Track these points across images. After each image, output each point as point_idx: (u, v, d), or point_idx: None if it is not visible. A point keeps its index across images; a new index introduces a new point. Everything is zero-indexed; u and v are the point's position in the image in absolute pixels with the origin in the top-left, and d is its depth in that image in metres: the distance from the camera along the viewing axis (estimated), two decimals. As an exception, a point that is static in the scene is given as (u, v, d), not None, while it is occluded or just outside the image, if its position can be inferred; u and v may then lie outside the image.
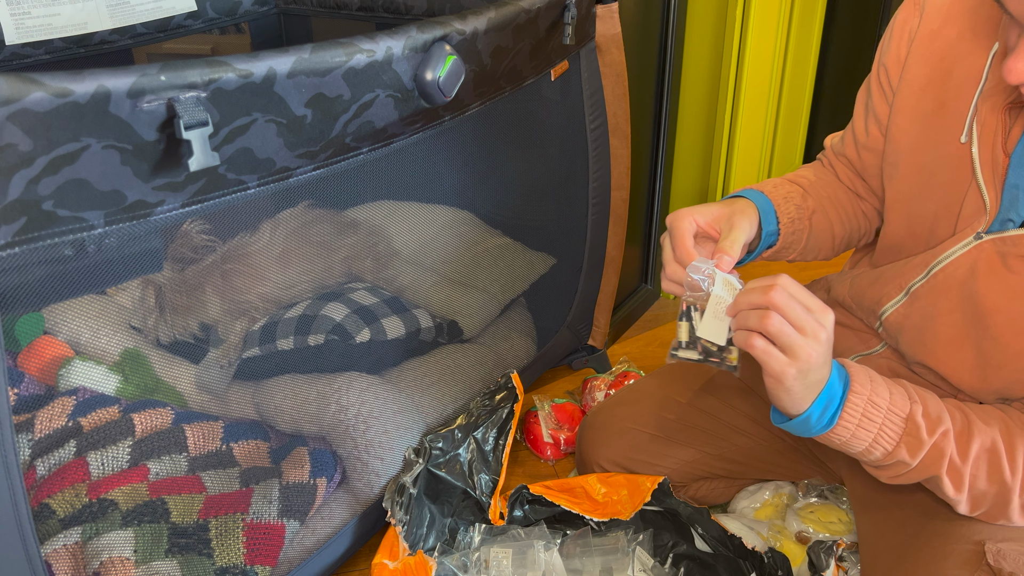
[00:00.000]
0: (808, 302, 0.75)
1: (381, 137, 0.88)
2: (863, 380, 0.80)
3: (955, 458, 0.79)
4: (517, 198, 1.49)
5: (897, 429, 0.79)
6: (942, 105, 0.85)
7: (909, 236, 0.90)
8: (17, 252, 0.61)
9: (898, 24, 0.90)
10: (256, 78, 0.70)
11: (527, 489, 1.11)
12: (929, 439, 0.79)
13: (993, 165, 0.80)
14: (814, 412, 0.78)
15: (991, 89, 0.80)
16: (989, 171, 0.81)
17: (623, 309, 1.78)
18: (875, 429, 0.79)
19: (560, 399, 1.45)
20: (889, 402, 0.79)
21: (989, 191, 0.81)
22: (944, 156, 0.85)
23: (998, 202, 0.81)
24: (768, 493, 1.16)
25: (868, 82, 0.96)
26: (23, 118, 0.57)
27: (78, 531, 0.98)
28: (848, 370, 0.80)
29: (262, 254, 1.29)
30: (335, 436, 1.14)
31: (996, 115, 0.80)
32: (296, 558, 1.04)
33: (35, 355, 1.22)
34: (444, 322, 1.33)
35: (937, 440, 0.79)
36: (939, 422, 0.79)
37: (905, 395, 0.80)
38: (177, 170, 0.68)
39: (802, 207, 0.96)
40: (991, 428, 0.80)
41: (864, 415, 0.79)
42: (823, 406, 0.78)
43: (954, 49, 0.84)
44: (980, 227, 0.82)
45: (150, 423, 1.14)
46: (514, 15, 0.98)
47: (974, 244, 0.83)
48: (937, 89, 0.85)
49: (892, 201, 0.92)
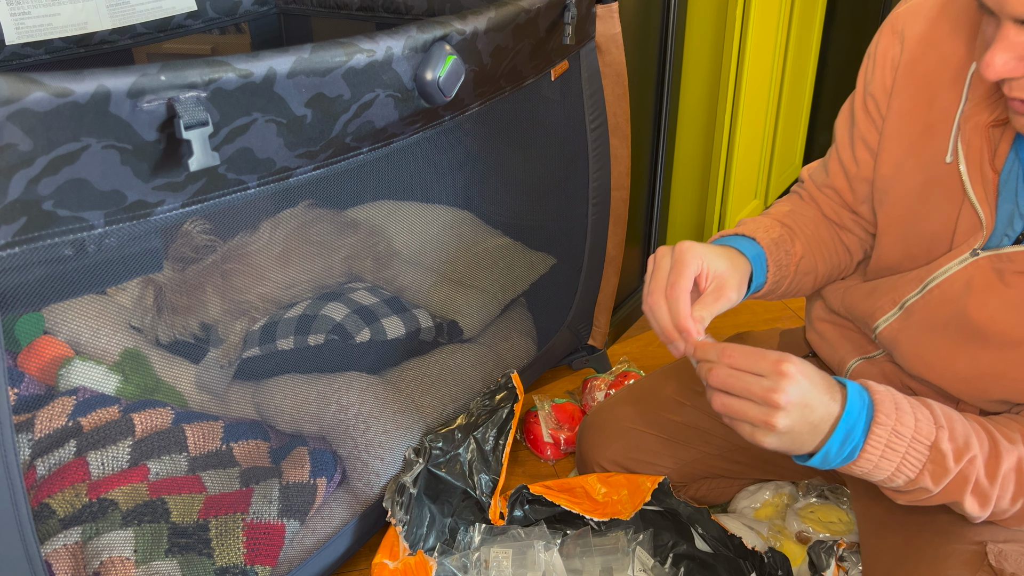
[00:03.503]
0: (755, 366, 0.73)
1: (381, 137, 0.88)
2: (888, 409, 0.76)
3: (982, 480, 0.77)
4: (517, 198, 1.49)
5: (921, 457, 0.76)
6: (929, 128, 0.85)
7: (906, 257, 0.90)
8: (17, 252, 0.61)
9: (880, 53, 0.90)
10: (256, 78, 0.70)
11: (527, 489, 1.11)
12: (955, 466, 0.76)
13: (984, 183, 0.80)
14: (832, 447, 0.75)
15: (972, 108, 0.80)
16: (981, 189, 0.80)
17: (623, 309, 1.78)
18: (898, 459, 0.76)
19: (560, 399, 1.45)
20: (914, 430, 0.76)
21: (984, 208, 0.81)
22: (935, 178, 0.84)
23: (993, 219, 0.81)
24: (768, 493, 1.16)
25: (851, 112, 0.94)
26: (23, 118, 0.57)
27: (78, 531, 0.98)
28: (873, 396, 0.76)
29: (262, 254, 1.29)
30: (335, 436, 1.14)
31: (980, 133, 0.80)
32: (296, 558, 1.04)
33: (35, 355, 1.22)
34: (444, 322, 1.33)
35: (963, 468, 0.76)
36: (967, 448, 0.76)
37: (931, 419, 0.77)
38: (177, 170, 0.68)
39: (791, 253, 0.94)
40: (1016, 447, 0.77)
41: (888, 445, 0.75)
42: (841, 440, 0.75)
43: (937, 73, 0.84)
44: (976, 244, 0.82)
45: (150, 423, 1.14)
46: (514, 15, 0.98)
47: (970, 261, 0.82)
48: (924, 113, 0.85)
49: (885, 225, 0.92)
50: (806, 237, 0.96)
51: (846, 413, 0.75)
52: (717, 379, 0.75)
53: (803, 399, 0.73)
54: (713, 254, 0.84)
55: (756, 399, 0.73)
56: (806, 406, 0.73)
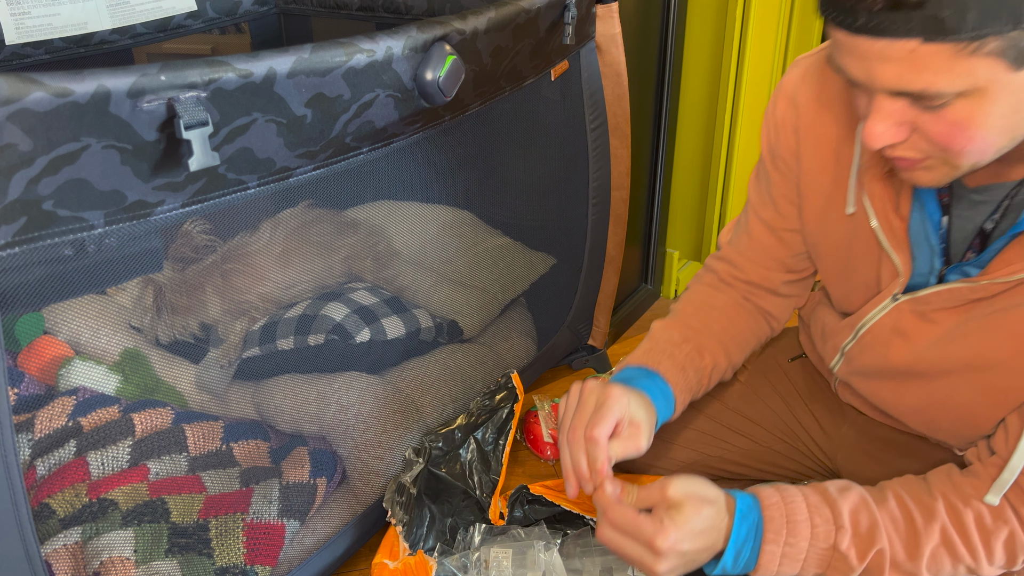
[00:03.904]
0: (635, 530, 0.78)
1: (381, 137, 0.88)
2: (777, 526, 0.79)
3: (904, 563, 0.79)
4: (517, 198, 1.49)
5: (823, 561, 0.80)
6: (838, 183, 0.87)
7: (849, 303, 0.93)
8: (17, 252, 0.61)
9: (778, 121, 0.92)
10: (256, 78, 0.70)
11: (527, 489, 1.11)
12: (860, 564, 0.79)
13: (892, 231, 0.83)
14: (726, 565, 0.80)
15: (868, 162, 0.82)
16: (891, 237, 0.83)
17: (623, 309, 1.78)
18: (798, 566, 0.80)
19: (560, 399, 1.45)
20: (810, 539, 0.79)
21: (898, 256, 0.83)
22: (853, 230, 0.88)
23: (909, 264, 0.83)
24: (768, 493, 1.16)
25: (763, 174, 0.97)
26: (23, 118, 0.57)
27: (78, 531, 0.98)
28: (763, 513, 0.80)
29: (262, 254, 1.29)
30: (335, 436, 1.14)
31: (880, 184, 0.82)
32: (296, 558, 1.04)
33: (35, 355, 1.22)
34: (444, 322, 1.33)
35: (870, 563, 0.79)
36: (871, 543, 0.79)
37: (831, 521, 0.80)
38: (177, 170, 0.68)
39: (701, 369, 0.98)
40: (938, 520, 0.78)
41: (784, 556, 0.79)
42: (732, 560, 0.79)
43: (835, 132, 0.86)
44: (896, 289, 0.85)
45: (150, 423, 1.14)
46: (514, 15, 0.98)
47: (892, 306, 0.86)
48: (832, 169, 0.88)
49: (825, 276, 0.96)
50: (716, 339, 1.00)
51: (732, 540, 0.79)
52: (604, 538, 0.80)
53: (682, 549, 0.77)
54: (636, 403, 0.87)
55: (634, 561, 0.79)
56: (685, 554, 0.77)
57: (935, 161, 0.69)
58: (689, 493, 0.78)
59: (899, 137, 0.68)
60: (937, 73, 0.61)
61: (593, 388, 0.88)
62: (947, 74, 0.60)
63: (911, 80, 0.62)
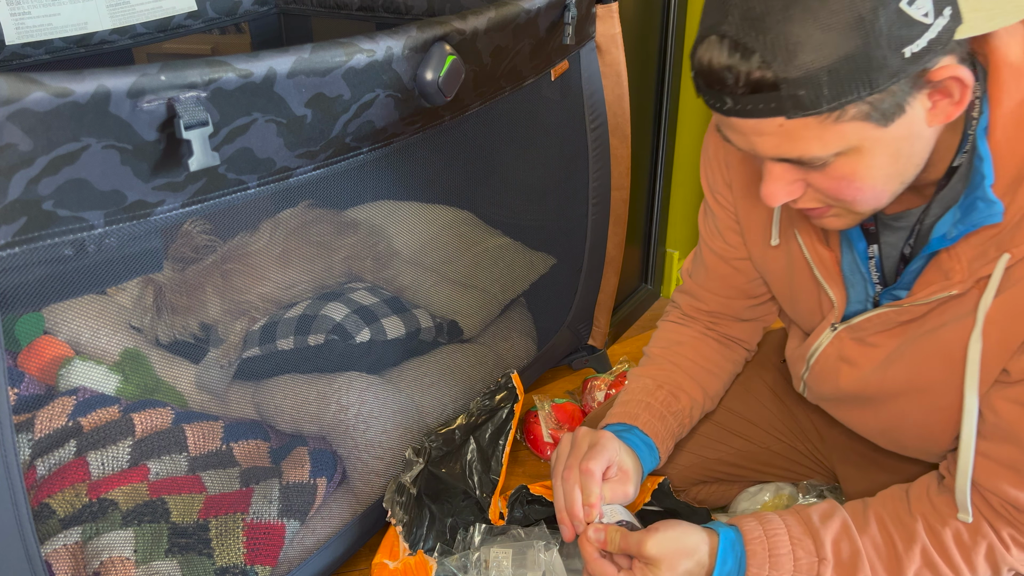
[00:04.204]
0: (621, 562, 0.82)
1: (381, 137, 0.88)
2: (760, 560, 0.80)
3: None
4: (517, 198, 1.48)
5: None
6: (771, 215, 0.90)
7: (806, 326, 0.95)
8: (17, 252, 0.61)
9: (711, 155, 0.95)
10: (256, 78, 0.70)
11: (527, 489, 1.11)
12: None
13: (822, 262, 0.86)
14: None
15: None
16: (823, 268, 0.86)
17: (623, 309, 1.78)
18: None
19: (560, 399, 1.45)
20: (793, 572, 0.80)
21: (831, 286, 0.86)
22: (790, 261, 0.91)
23: (843, 294, 0.85)
24: (768, 495, 1.16)
25: (707, 207, 1.00)
26: (23, 118, 0.57)
27: (78, 531, 0.98)
28: (746, 547, 0.81)
29: (262, 254, 1.29)
30: (335, 436, 1.14)
31: (806, 219, 0.84)
32: (296, 558, 1.04)
33: (35, 355, 1.22)
34: (444, 322, 1.33)
35: None
36: (853, 571, 0.79)
37: (813, 553, 0.80)
38: (177, 170, 0.68)
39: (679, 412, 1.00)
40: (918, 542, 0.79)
41: None
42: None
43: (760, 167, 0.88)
44: (833, 319, 0.88)
45: (150, 423, 1.14)
46: (514, 15, 0.98)
47: (832, 335, 0.88)
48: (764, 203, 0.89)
49: (779, 301, 0.99)
50: (688, 376, 1.03)
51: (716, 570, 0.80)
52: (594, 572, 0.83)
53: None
54: (624, 450, 0.91)
55: None
56: None
57: (838, 209, 0.73)
58: (665, 552, 0.79)
59: (795, 194, 0.72)
60: (809, 141, 0.64)
61: (586, 433, 0.91)
62: (818, 141, 0.64)
63: (788, 149, 0.66)
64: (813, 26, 0.58)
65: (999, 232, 0.69)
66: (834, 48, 0.59)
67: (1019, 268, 0.70)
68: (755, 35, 0.60)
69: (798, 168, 0.69)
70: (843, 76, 0.60)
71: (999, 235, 0.69)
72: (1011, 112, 0.68)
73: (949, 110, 0.65)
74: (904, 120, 0.64)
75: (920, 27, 0.59)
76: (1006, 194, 0.68)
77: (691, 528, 0.82)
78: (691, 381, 1.02)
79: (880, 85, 0.60)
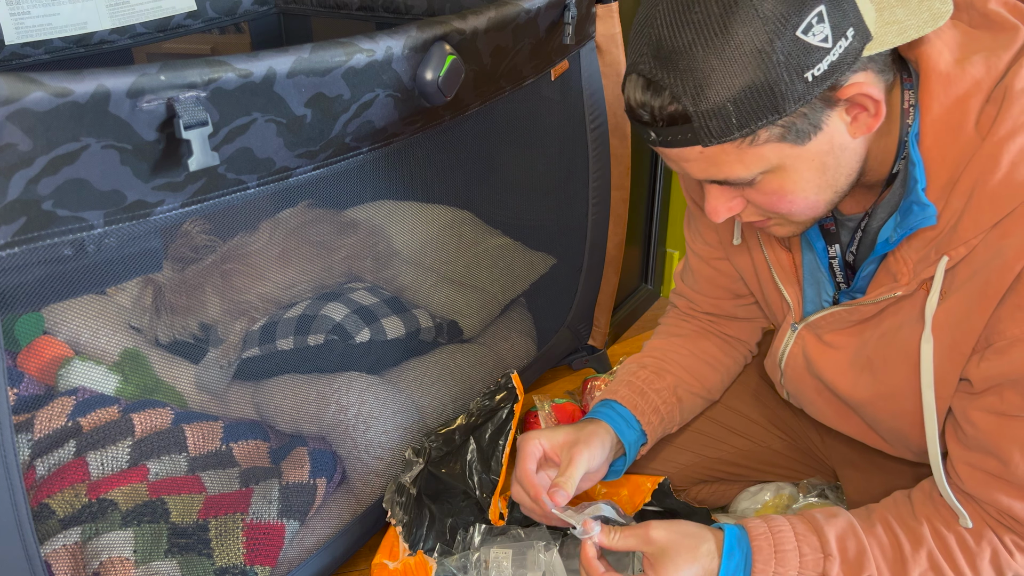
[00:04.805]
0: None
1: (381, 137, 0.88)
2: (766, 556, 0.80)
3: None
4: (517, 198, 1.48)
5: None
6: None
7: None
8: (17, 252, 0.61)
9: None
10: (256, 78, 0.70)
11: (527, 489, 1.11)
12: None
13: (781, 265, 0.89)
14: None
15: None
16: (781, 271, 0.89)
17: (623, 309, 1.78)
18: None
19: (560, 399, 1.45)
20: (799, 568, 0.80)
21: (787, 288, 0.89)
22: (756, 262, 0.94)
23: (799, 295, 0.88)
24: (769, 494, 1.16)
25: (688, 211, 1.03)
26: (23, 118, 0.57)
27: (78, 531, 0.98)
28: (752, 543, 0.81)
29: (262, 254, 1.29)
30: (335, 436, 1.14)
31: None
32: (296, 558, 1.04)
33: (35, 355, 1.22)
34: (444, 322, 1.33)
35: None
36: (859, 569, 0.79)
37: (819, 549, 0.80)
38: (177, 170, 0.68)
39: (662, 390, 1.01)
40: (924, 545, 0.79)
41: None
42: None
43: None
44: (792, 319, 0.90)
45: (150, 423, 1.14)
46: (514, 15, 0.98)
47: (794, 335, 0.91)
48: None
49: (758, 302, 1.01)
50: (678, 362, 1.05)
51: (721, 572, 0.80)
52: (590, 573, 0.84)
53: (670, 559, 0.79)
54: (549, 433, 0.93)
55: None
56: None
57: (779, 219, 0.77)
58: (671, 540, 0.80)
59: (736, 209, 0.76)
60: (732, 164, 0.68)
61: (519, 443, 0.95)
62: (740, 163, 0.68)
63: (714, 172, 0.70)
64: (716, 61, 0.62)
65: (938, 235, 0.72)
66: (737, 79, 0.62)
67: (961, 270, 0.71)
68: (665, 73, 0.64)
69: (732, 187, 0.73)
70: (749, 104, 0.63)
71: (938, 238, 0.72)
72: (940, 118, 0.70)
73: (869, 122, 0.68)
74: (824, 136, 0.67)
75: (820, 51, 0.62)
76: (940, 198, 0.70)
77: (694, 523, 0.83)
78: (680, 366, 1.04)
79: (788, 109, 0.64)
